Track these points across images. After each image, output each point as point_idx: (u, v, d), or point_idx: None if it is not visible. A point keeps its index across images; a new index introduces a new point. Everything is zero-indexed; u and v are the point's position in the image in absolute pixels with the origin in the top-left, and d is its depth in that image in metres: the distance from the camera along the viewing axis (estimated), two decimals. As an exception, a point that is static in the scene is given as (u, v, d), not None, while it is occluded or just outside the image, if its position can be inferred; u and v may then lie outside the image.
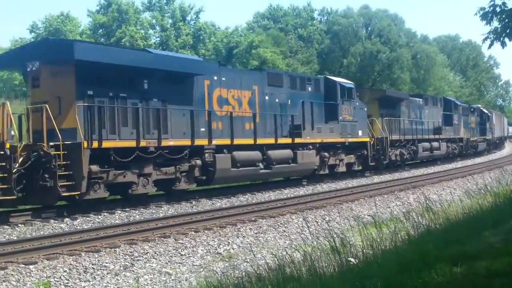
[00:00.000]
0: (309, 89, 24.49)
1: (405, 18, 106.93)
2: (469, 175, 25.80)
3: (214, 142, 19.03)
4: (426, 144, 34.67)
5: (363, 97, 29.45)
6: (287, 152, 22.22)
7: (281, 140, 22.09)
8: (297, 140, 22.73)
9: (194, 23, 49.98)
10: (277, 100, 22.56)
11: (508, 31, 11.43)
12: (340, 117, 25.73)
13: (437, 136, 36.30)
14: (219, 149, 19.26)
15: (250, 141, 20.61)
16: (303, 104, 23.29)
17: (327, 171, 25.08)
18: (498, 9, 11.40)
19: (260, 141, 21.00)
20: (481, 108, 53.08)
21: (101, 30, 45.74)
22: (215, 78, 19.81)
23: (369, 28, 65.11)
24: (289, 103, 23.02)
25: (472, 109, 47.08)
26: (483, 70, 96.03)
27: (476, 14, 11.67)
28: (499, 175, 21.01)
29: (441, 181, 24.68)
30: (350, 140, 26.36)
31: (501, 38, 11.53)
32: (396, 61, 61.11)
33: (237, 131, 20.17)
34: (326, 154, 24.71)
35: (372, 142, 28.34)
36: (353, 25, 62.40)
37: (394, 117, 31.32)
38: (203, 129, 18.85)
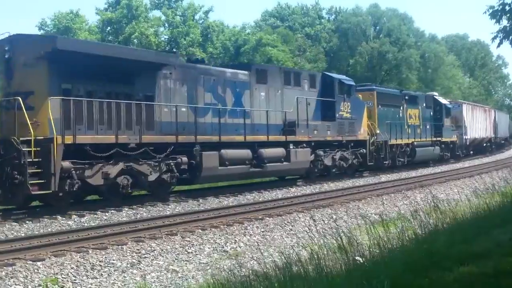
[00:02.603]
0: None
1: (414, 17, 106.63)
2: (477, 175, 25.71)
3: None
4: (233, 153, 19.41)
5: None
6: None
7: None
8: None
9: (203, 21, 50.02)
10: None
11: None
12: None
13: (291, 138, 21.98)
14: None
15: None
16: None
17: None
18: (507, 8, 11.36)
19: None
20: (436, 97, 38.74)
21: (109, 27, 45.80)
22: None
23: (378, 27, 64.90)
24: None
25: (407, 97, 32.69)
26: (491, 70, 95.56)
27: (485, 12, 11.67)
28: (507, 174, 20.92)
29: (448, 181, 24.61)
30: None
31: (510, 37, 11.50)
32: (405, 61, 60.91)
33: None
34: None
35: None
36: (361, 24, 62.23)
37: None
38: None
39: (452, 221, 10.37)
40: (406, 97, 32.68)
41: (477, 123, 46.45)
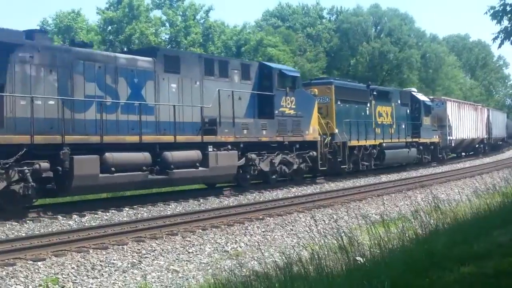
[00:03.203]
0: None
1: (414, 18, 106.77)
2: (478, 175, 25.70)
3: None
4: (122, 156, 15.96)
5: None
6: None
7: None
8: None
9: (204, 21, 50.04)
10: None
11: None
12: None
13: (209, 138, 18.70)
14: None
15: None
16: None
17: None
18: (508, 8, 11.37)
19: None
20: (414, 94, 34.67)
21: (110, 27, 45.81)
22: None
23: (379, 27, 64.90)
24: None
25: (375, 92, 28.93)
26: (492, 70, 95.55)
27: (486, 13, 11.67)
28: (507, 174, 20.92)
29: (449, 181, 24.61)
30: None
31: (511, 38, 11.51)
32: (406, 61, 60.90)
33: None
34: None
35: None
36: (362, 24, 62.24)
37: None
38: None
39: (453, 222, 10.38)
40: (375, 93, 28.73)
41: (466, 123, 42.73)
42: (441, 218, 10.35)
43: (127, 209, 15.86)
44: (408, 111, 32.58)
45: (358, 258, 7.54)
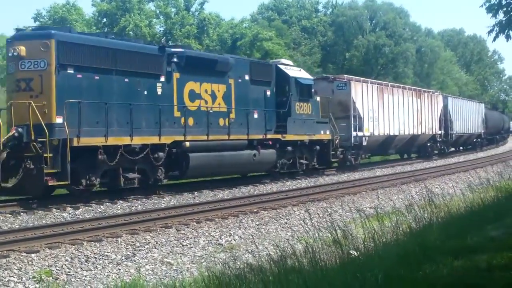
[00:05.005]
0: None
1: (410, 12, 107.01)
2: (472, 169, 25.77)
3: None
4: None
5: None
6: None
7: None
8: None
9: (198, 13, 49.92)
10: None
11: (513, 24, 11.43)
12: None
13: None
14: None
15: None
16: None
17: None
18: (504, 2, 11.40)
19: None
20: (281, 67, 22.53)
21: (105, 19, 45.69)
22: None
23: (374, 21, 64.95)
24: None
25: (175, 58, 17.97)
26: (487, 65, 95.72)
27: (481, 6, 11.69)
28: (501, 169, 21.00)
29: (443, 175, 24.67)
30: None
31: (506, 31, 11.53)
32: (401, 55, 60.97)
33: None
34: None
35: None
36: (357, 18, 62.25)
37: None
38: None
39: (447, 215, 10.41)
40: (175, 60, 17.95)
41: (396, 114, 30.35)
42: (435, 212, 10.37)
43: (121, 201, 15.84)
44: (268, 92, 21.60)
45: (352, 251, 7.57)
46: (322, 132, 24.01)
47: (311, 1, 67.22)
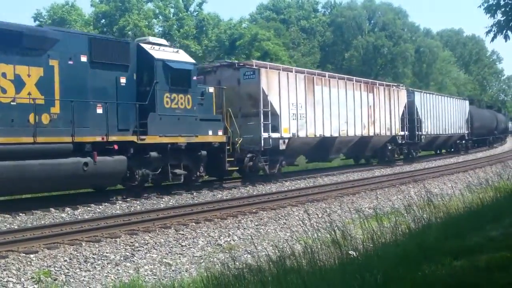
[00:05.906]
0: None
1: (408, 12, 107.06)
2: (471, 170, 25.77)
3: None
4: None
5: None
6: None
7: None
8: None
9: (197, 14, 49.90)
10: None
11: (511, 24, 11.43)
12: None
13: None
14: None
15: None
16: None
17: None
18: (502, 2, 11.42)
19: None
20: (142, 44, 17.23)
21: (103, 19, 45.66)
22: None
23: (373, 21, 65.02)
24: None
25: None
26: (486, 65, 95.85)
27: (480, 6, 11.71)
28: (500, 169, 21.00)
29: (442, 175, 24.67)
30: None
31: (504, 31, 11.54)
32: (400, 55, 61.03)
33: None
34: None
35: None
36: (356, 18, 62.32)
37: None
38: None
39: (446, 216, 10.39)
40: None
41: (339, 110, 24.89)
42: (434, 212, 10.36)
43: (120, 202, 15.84)
44: (122, 80, 16.40)
45: (351, 252, 7.55)
46: (210, 132, 18.65)
47: (310, 1, 67.31)
